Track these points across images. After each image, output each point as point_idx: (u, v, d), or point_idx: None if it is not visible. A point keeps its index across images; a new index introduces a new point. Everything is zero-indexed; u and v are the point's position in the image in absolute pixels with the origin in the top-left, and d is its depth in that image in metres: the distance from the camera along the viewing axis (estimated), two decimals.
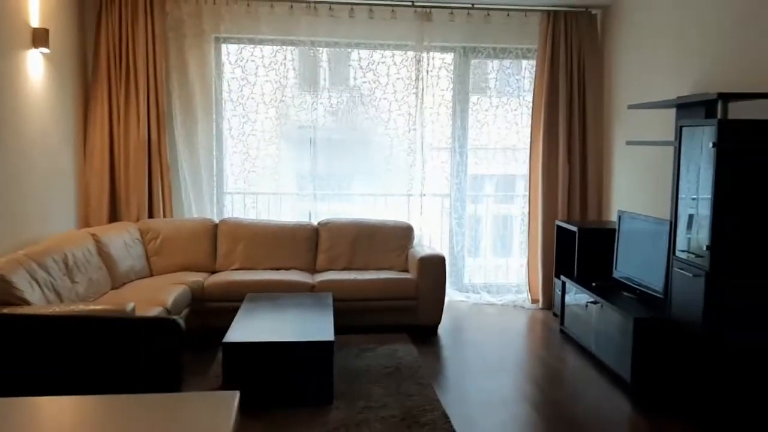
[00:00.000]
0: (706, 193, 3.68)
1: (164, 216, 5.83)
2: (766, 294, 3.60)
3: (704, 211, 3.69)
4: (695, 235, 3.82)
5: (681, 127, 3.96)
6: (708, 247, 3.61)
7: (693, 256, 3.80)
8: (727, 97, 3.78)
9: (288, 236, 5.75)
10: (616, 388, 4.28)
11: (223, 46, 6.02)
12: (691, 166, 3.87)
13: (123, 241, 5.20)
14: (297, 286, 5.21)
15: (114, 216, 5.76)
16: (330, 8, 5.92)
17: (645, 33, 5.45)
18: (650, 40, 5.35)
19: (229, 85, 6.02)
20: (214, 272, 5.58)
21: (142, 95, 5.68)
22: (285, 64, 6.03)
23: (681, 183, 3.97)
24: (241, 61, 6.01)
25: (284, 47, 6.05)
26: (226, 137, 6.09)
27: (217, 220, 5.84)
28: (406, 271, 5.69)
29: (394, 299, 5.33)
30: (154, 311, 4.27)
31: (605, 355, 4.57)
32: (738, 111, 4.01)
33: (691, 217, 3.88)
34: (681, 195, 3.97)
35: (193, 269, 5.55)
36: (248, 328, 4.09)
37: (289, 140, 6.20)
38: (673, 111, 4.79)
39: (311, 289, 5.24)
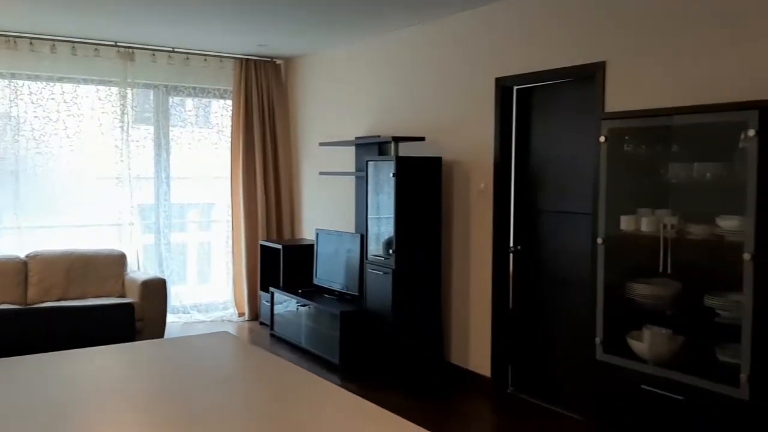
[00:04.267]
0: (388, 212, 4.93)
1: None
2: (423, 285, 4.99)
3: (388, 224, 4.94)
4: (382, 244, 5.05)
5: (367, 162, 5.18)
6: (393, 251, 4.86)
7: (382, 259, 5.03)
8: (398, 140, 5.10)
9: None
10: (328, 371, 5.30)
11: None
12: (376, 191, 5.11)
13: None
14: None
15: None
16: (30, 43, 5.95)
17: (322, 84, 6.69)
18: (328, 90, 6.60)
19: None
20: None
21: None
22: None
23: (369, 204, 5.19)
24: None
25: None
26: None
27: None
28: (124, 296, 5.98)
29: None
30: None
31: (315, 346, 5.57)
32: (401, 150, 5.40)
33: (378, 229, 5.11)
34: (370, 214, 5.19)
35: None
36: None
37: None
38: (353, 148, 6.06)
39: None
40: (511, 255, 4.75)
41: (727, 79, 3.35)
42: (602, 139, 3.41)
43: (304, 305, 5.75)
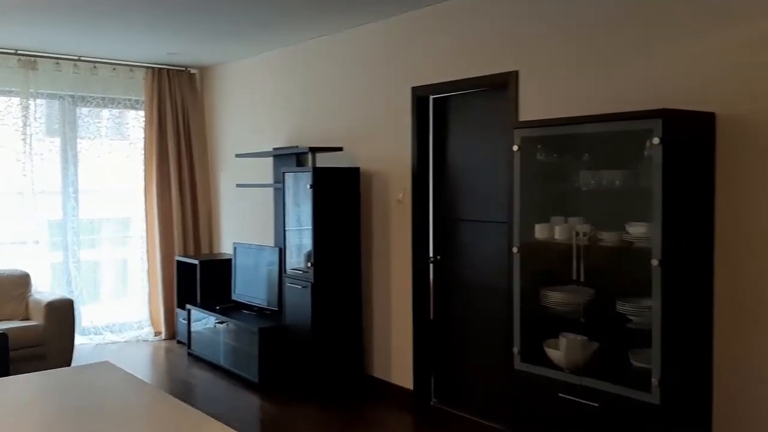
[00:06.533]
0: (307, 224, 4.82)
1: None
2: (343, 296, 4.90)
3: (306, 237, 4.83)
4: (300, 257, 4.93)
5: (284, 173, 5.06)
6: (312, 264, 4.75)
7: (300, 272, 4.90)
8: (315, 150, 5.00)
9: None
10: (247, 389, 5.12)
11: None
12: (295, 202, 4.99)
13: None
14: None
15: None
16: None
17: (239, 94, 6.52)
18: (244, 100, 6.44)
19: None
20: None
21: None
22: None
23: (287, 216, 5.06)
24: None
25: None
26: None
27: None
28: (28, 318, 5.62)
29: (20, 348, 5.24)
30: None
31: (234, 364, 5.38)
32: (319, 160, 5.30)
33: (298, 242, 4.99)
34: (288, 226, 5.06)
35: None
36: None
37: None
38: (271, 159, 5.92)
39: None
40: (431, 265, 4.72)
41: (633, 88, 3.41)
42: (515, 147, 3.42)
43: (222, 322, 5.55)
